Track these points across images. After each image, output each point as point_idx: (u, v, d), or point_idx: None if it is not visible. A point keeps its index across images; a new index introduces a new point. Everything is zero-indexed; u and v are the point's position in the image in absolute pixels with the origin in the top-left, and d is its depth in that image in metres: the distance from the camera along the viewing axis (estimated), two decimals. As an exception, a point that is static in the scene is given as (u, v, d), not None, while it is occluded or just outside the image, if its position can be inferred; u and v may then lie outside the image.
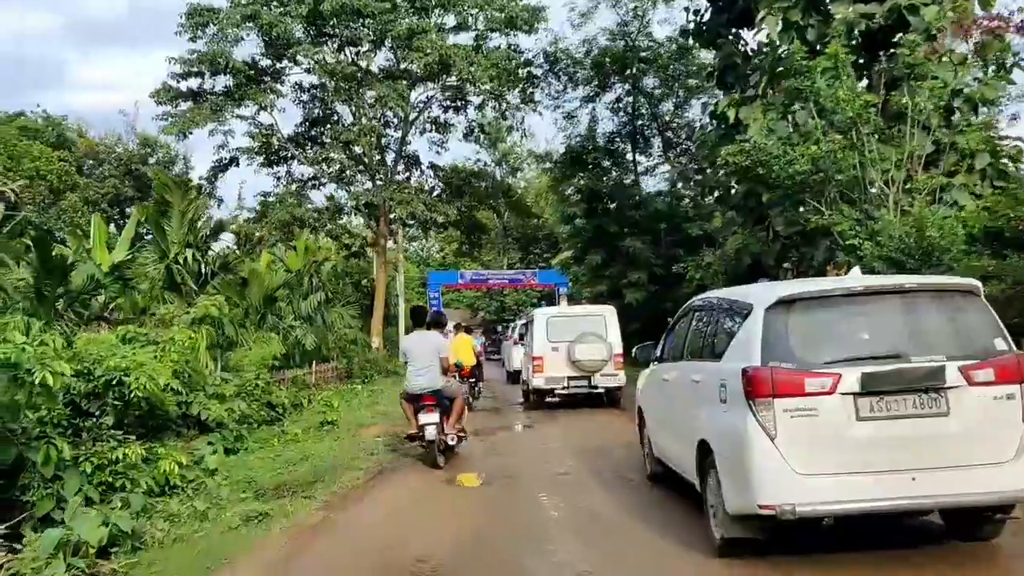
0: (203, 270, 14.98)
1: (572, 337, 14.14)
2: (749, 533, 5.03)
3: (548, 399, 14.71)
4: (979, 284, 5.20)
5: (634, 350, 8.35)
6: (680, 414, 6.34)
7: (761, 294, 5.31)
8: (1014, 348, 4.98)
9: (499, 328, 45.86)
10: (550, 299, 54.15)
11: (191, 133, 25.34)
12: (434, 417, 8.77)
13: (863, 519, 5.17)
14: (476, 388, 15.99)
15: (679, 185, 31.55)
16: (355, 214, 32.36)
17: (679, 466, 6.51)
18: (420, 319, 9.80)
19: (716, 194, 19.68)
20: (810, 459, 4.64)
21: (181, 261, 13.75)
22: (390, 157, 30.34)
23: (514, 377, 20.34)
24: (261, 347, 14.95)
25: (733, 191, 18.92)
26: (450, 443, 8.96)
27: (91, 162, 34.97)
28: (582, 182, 31.10)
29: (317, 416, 12.26)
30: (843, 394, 4.64)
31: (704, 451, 5.52)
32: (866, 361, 4.74)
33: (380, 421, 12.78)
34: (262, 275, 17.63)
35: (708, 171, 19.96)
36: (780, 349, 4.83)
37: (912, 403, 4.70)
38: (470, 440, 10.13)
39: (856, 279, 5.61)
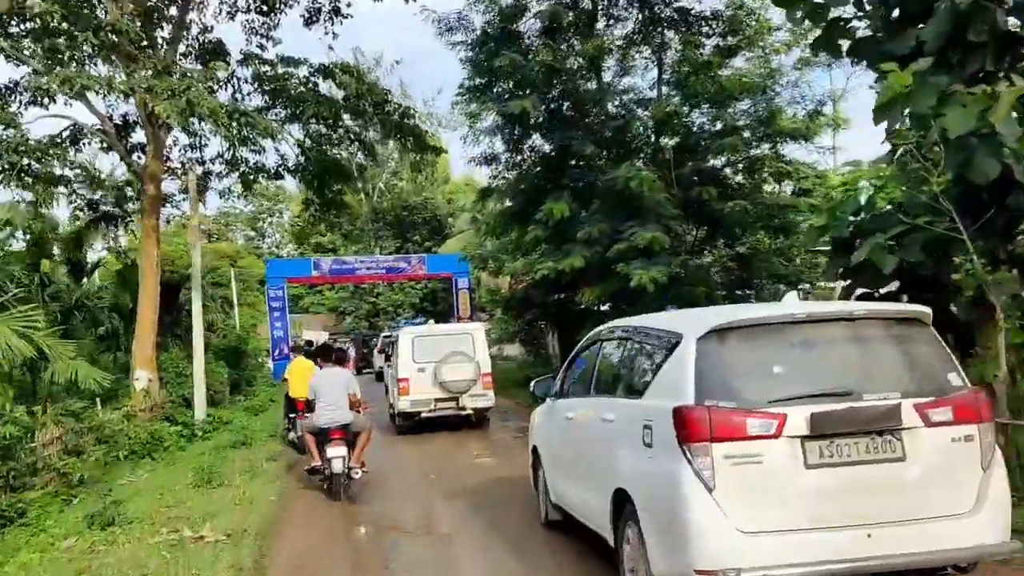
0: None
1: (439, 358, 13.64)
2: None
3: (416, 420, 13.95)
4: (929, 312, 4.70)
5: (532, 384, 7.53)
6: (589, 458, 5.71)
7: (691, 322, 4.74)
8: (967, 383, 4.52)
9: (372, 340, 33.69)
10: (434, 301, 40.66)
11: None
12: (342, 450, 8.97)
13: None
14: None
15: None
16: (101, 143, 17.97)
17: (586, 516, 5.90)
18: (328, 355, 10.26)
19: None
20: (755, 514, 4.05)
21: None
22: (170, 41, 17.32)
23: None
24: None
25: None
26: (354, 476, 9.16)
27: None
28: (531, 61, 16.65)
29: None
30: (790, 437, 4.08)
31: (621, 501, 4.87)
32: (813, 399, 4.17)
33: None
34: None
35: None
36: (716, 386, 4.25)
37: (865, 447, 4.15)
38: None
39: (795, 305, 5.03)
